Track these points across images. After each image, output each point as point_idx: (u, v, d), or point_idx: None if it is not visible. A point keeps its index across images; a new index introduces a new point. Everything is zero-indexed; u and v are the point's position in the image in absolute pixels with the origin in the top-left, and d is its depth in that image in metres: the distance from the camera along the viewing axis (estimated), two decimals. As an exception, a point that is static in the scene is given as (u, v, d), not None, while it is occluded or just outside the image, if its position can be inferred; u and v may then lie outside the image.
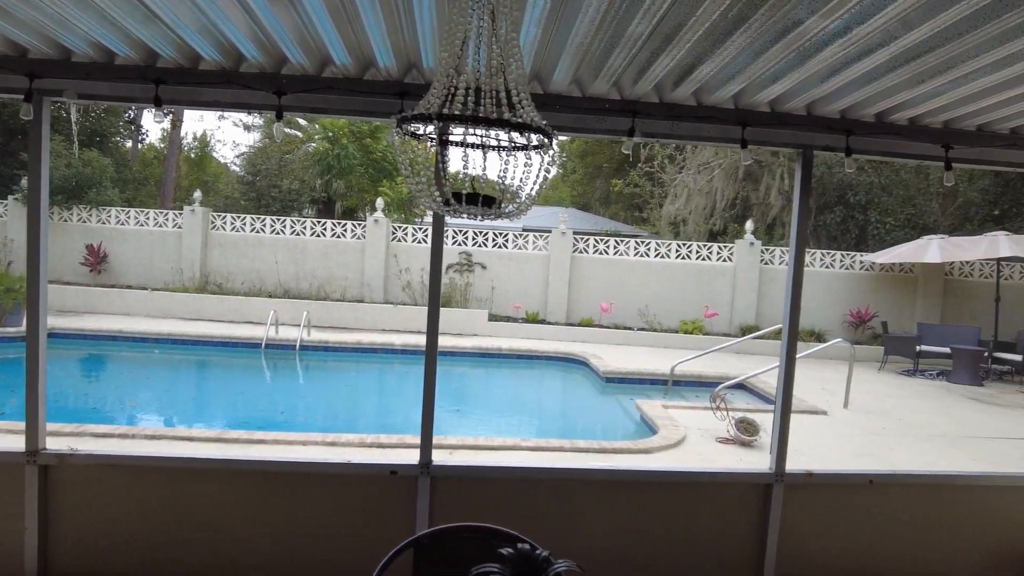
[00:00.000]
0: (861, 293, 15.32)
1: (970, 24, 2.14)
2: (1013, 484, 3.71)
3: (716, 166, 17.27)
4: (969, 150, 3.31)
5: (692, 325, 14.39)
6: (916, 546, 3.61)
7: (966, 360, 12.11)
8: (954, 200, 17.50)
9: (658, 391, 10.11)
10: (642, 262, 15.05)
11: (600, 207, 31.06)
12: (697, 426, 7.29)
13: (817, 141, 3.27)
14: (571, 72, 2.84)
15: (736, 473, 3.45)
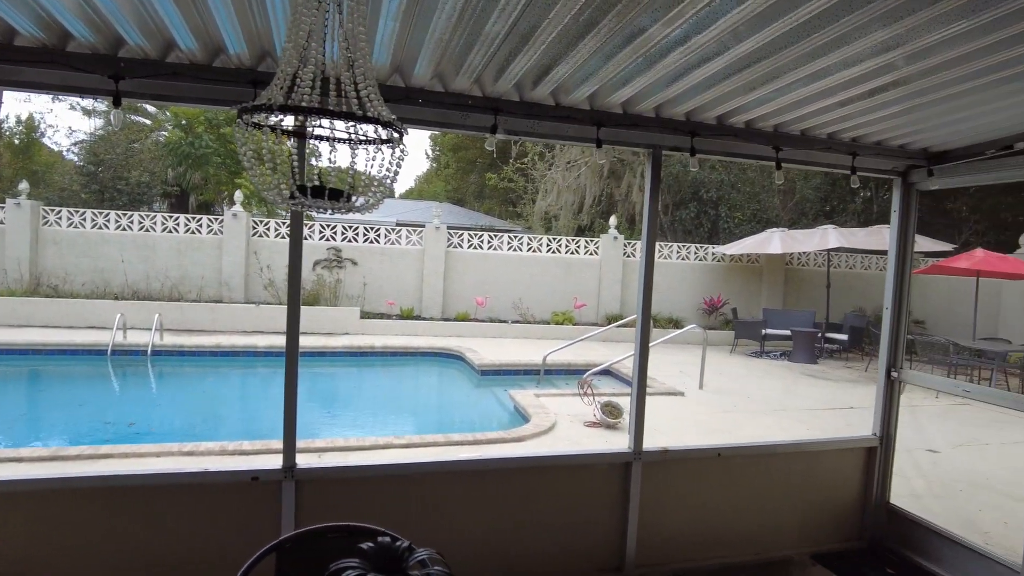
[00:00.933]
0: (714, 282, 16.56)
1: (788, 40, 2.38)
2: (834, 447, 4.21)
3: (583, 164, 17.95)
4: (795, 152, 3.69)
5: (563, 316, 14.89)
6: (756, 508, 4.00)
7: (803, 341, 13.49)
8: (792, 197, 19.37)
9: (531, 381, 10.39)
10: (515, 256, 15.34)
11: (475, 202, 31.30)
12: (567, 412, 7.58)
13: (666, 142, 3.50)
14: (432, 67, 2.84)
15: (598, 454, 3.63)
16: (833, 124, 3.44)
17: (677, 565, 3.82)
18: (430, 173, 41.65)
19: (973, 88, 2.76)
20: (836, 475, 4.23)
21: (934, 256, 15.32)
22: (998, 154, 3.54)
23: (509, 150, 19.25)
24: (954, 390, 3.96)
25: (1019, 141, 3.41)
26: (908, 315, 4.19)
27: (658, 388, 9.19)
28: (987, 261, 11.84)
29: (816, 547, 4.15)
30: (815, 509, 4.17)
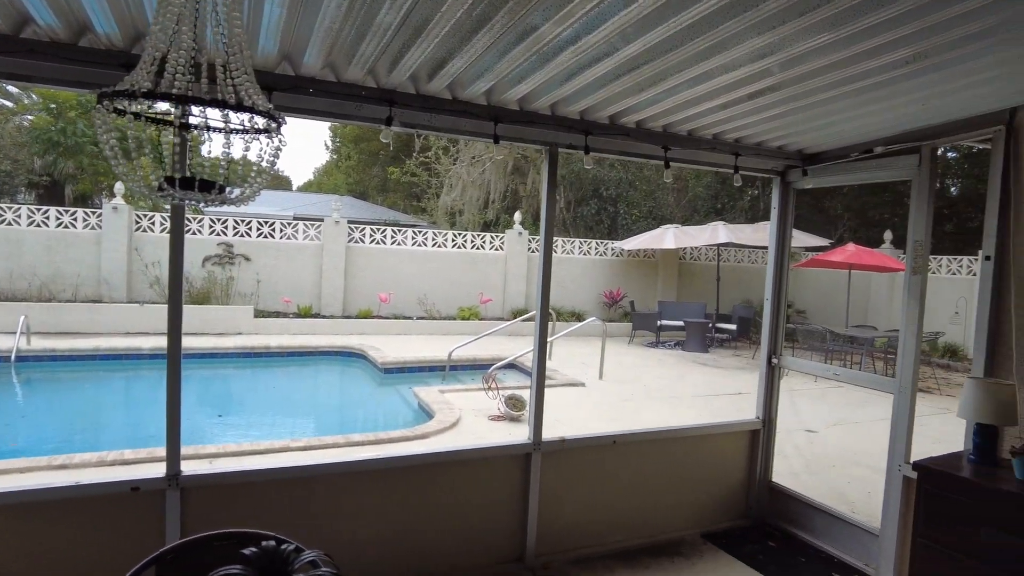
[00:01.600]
0: (614, 276, 17.11)
1: (673, 43, 2.48)
2: (721, 431, 4.45)
3: (488, 159, 18.01)
4: (683, 151, 3.86)
5: (469, 311, 14.90)
6: (650, 492, 4.17)
7: (696, 331, 14.19)
8: (686, 195, 20.31)
9: (437, 377, 10.32)
10: (420, 251, 15.18)
11: (378, 195, 30.66)
12: (472, 407, 7.59)
13: (561, 139, 3.57)
14: (323, 56, 2.75)
15: (498, 447, 3.66)
16: (717, 125, 3.63)
17: (576, 552, 3.93)
18: (330, 165, 40.41)
19: (838, 95, 2.99)
20: (723, 457, 4.48)
21: (814, 251, 16.55)
22: (861, 156, 3.86)
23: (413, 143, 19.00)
24: (826, 374, 4.31)
25: (878, 145, 3.73)
26: (787, 306, 4.49)
27: (560, 380, 9.39)
28: (857, 255, 12.92)
29: (706, 526, 4.39)
30: (705, 490, 4.40)
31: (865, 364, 11.88)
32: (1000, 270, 3.16)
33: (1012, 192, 3.13)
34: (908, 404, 3.58)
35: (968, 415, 2.97)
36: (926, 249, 3.52)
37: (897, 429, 3.65)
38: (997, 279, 3.17)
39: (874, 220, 21.17)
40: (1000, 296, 3.17)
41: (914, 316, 3.56)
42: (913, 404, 3.59)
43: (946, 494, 2.80)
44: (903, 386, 3.60)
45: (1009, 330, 3.10)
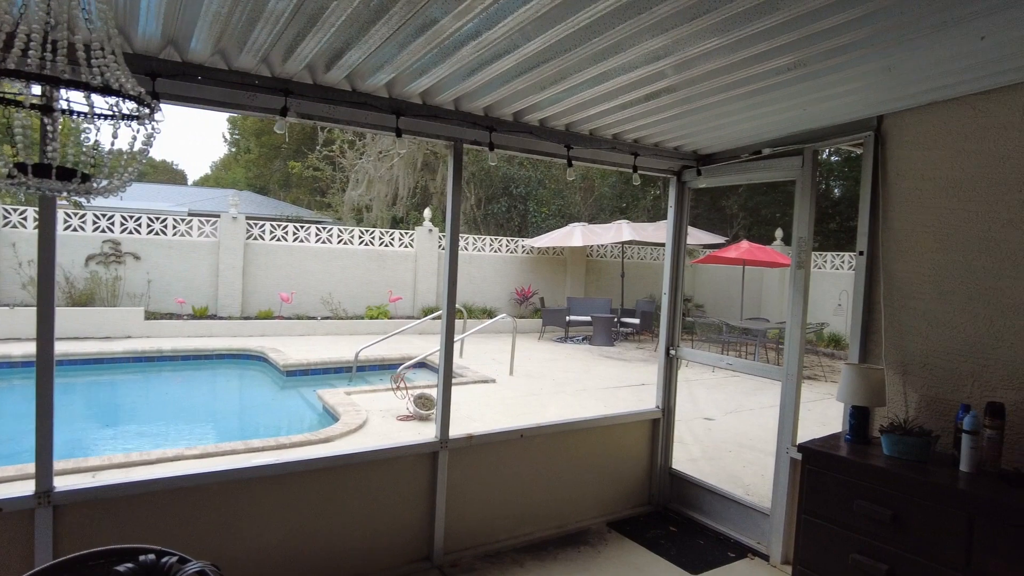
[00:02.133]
0: (524, 273, 17.30)
1: (572, 42, 2.52)
2: (624, 421, 4.58)
3: (396, 155, 17.72)
4: (585, 150, 3.94)
5: (377, 310, 14.63)
6: (557, 484, 4.24)
7: (602, 326, 14.58)
8: (592, 194, 20.80)
9: (343, 379, 10.07)
10: (324, 249, 14.74)
11: (280, 191, 29.52)
12: (380, 408, 7.46)
13: (466, 135, 3.56)
14: (211, 42, 2.60)
15: (404, 446, 3.60)
16: (617, 126, 3.73)
17: (485, 547, 3.93)
18: (229, 159, 38.53)
19: (728, 98, 3.14)
20: (626, 447, 4.62)
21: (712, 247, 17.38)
22: (750, 158, 4.08)
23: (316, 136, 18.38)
24: (720, 364, 4.53)
25: (766, 147, 3.95)
26: (687, 300, 4.68)
27: (471, 377, 9.39)
28: (750, 251, 13.69)
29: (612, 515, 4.51)
30: (610, 480, 4.52)
31: (758, 354, 12.61)
32: (871, 265, 3.43)
33: (880, 194, 3.40)
34: (794, 390, 3.83)
35: (844, 398, 3.20)
36: (809, 245, 3.77)
37: (785, 414, 3.89)
38: (869, 273, 3.44)
39: (767, 219, 22.52)
40: (871, 289, 3.43)
41: (799, 308, 3.80)
42: (798, 390, 3.83)
43: (825, 471, 3.01)
44: (789, 373, 3.84)
45: (879, 319, 3.37)
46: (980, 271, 2.99)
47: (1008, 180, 2.90)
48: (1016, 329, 2.86)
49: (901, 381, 3.28)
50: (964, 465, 2.77)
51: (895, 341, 3.31)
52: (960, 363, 3.05)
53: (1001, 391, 2.90)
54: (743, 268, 15.02)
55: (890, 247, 3.35)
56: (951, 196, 3.10)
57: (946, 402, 3.09)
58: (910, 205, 3.28)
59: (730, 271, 18.76)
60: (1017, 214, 2.87)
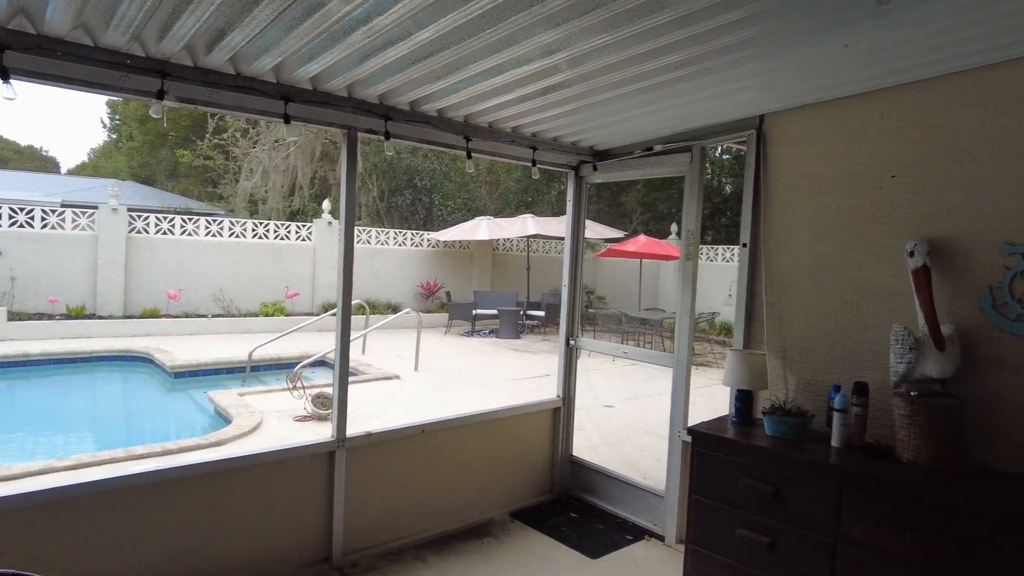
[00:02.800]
0: (430, 267, 17.13)
1: (466, 32, 2.49)
2: (525, 411, 4.63)
3: (292, 144, 17.01)
4: (484, 143, 3.93)
5: (273, 307, 14.04)
6: (460, 477, 4.22)
7: (508, 319, 14.70)
8: (498, 187, 20.89)
9: (237, 380, 9.60)
10: (215, 242, 13.95)
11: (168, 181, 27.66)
12: (276, 408, 7.16)
13: (361, 124, 3.45)
14: (71, 15, 2.36)
15: (299, 447, 3.46)
16: (515, 119, 3.74)
17: (387, 545, 3.86)
18: (109, 146, 35.72)
19: (622, 95, 3.22)
20: (528, 437, 4.67)
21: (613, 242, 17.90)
22: (643, 154, 4.21)
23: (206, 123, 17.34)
24: (616, 352, 4.67)
25: (658, 143, 4.09)
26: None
27: (374, 374, 9.20)
28: (647, 245, 14.22)
29: (515, 505, 4.55)
30: (513, 470, 4.56)
31: (656, 343, 13.13)
32: (754, 256, 3.63)
33: (762, 189, 3.60)
34: (684, 376, 4.00)
35: (730, 382, 3.38)
36: (697, 237, 3.94)
37: (676, 399, 4.06)
38: (752, 264, 3.63)
39: (663, 214, 23.47)
40: (754, 279, 3.63)
41: (688, 298, 3.97)
42: (688, 376, 4.01)
43: (713, 453, 3.16)
44: (680, 360, 4.01)
45: (761, 308, 3.58)
46: (849, 262, 3.23)
47: (872, 178, 3.14)
48: (879, 314, 3.11)
49: (781, 365, 3.50)
50: (835, 440, 2.99)
51: (775, 328, 3.52)
52: (832, 347, 3.28)
53: (867, 371, 3.15)
54: (640, 261, 15.58)
55: (770, 240, 3.56)
56: (824, 192, 3.33)
57: (820, 383, 3.32)
58: (788, 200, 3.49)
59: (630, 264, 19.42)
60: (879, 210, 3.12)
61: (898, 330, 2.86)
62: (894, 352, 2.87)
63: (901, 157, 3.04)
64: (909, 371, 2.82)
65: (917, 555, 2.47)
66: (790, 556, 2.85)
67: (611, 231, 16.23)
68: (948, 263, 2.88)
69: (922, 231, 2.96)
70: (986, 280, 2.77)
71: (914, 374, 2.82)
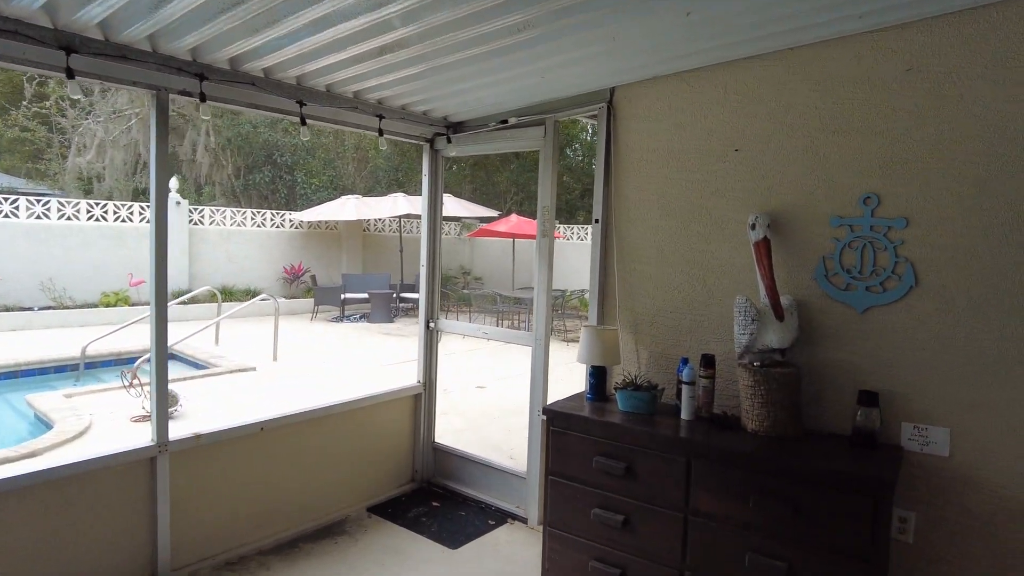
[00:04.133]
0: (294, 250, 16.21)
1: (278, -26, 2.17)
2: (384, 400, 4.37)
3: (133, 115, 15.33)
4: (322, 109, 3.58)
5: (115, 296, 12.68)
6: (311, 475, 3.91)
7: (380, 302, 14.23)
8: (367, 164, 20.11)
9: (69, 379, 8.54)
10: (41, 225, 12.33)
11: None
12: (110, 410, 6.41)
13: (171, 83, 3.00)
14: None
15: (109, 456, 3.00)
16: (355, 82, 3.43)
17: (226, 554, 3.49)
18: None
19: (467, 59, 3.00)
20: (388, 426, 4.43)
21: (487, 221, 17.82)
22: (498, 127, 4.04)
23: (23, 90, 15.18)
24: (475, 333, 4.51)
25: (512, 116, 3.94)
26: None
27: (227, 366, 8.51)
28: (519, 225, 14.26)
29: (373, 499, 4.30)
30: (370, 462, 4.30)
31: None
32: (606, 232, 3.58)
33: (613, 164, 3.54)
34: (543, 354, 3.91)
35: (584, 359, 3.32)
36: (552, 213, 3.84)
37: (535, 377, 3.97)
38: (604, 240, 3.59)
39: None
40: (606, 254, 3.59)
41: (544, 275, 3.87)
42: (547, 354, 3.93)
43: (567, 431, 3.09)
44: (538, 338, 3.92)
45: (613, 283, 3.54)
46: (695, 236, 3.25)
47: (714, 152, 3.16)
48: (723, 287, 3.15)
49: (633, 340, 3.49)
50: (684, 413, 3.00)
51: (627, 303, 3.50)
52: (680, 320, 3.30)
53: (713, 344, 3.19)
54: (513, 241, 15.63)
55: (621, 214, 3.52)
56: (671, 167, 3.32)
57: (670, 357, 3.34)
58: (637, 174, 3.46)
59: (505, 244, 19.48)
60: (723, 184, 3.15)
61: (741, 302, 2.89)
62: (737, 324, 2.91)
63: (743, 131, 3.07)
64: (752, 342, 2.86)
65: (761, 520, 2.52)
66: (645, 532, 2.83)
67: (485, 210, 16.12)
68: (786, 236, 2.95)
69: (763, 204, 3.02)
70: (819, 252, 2.87)
71: (757, 345, 2.87)
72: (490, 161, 22.49)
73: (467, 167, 21.76)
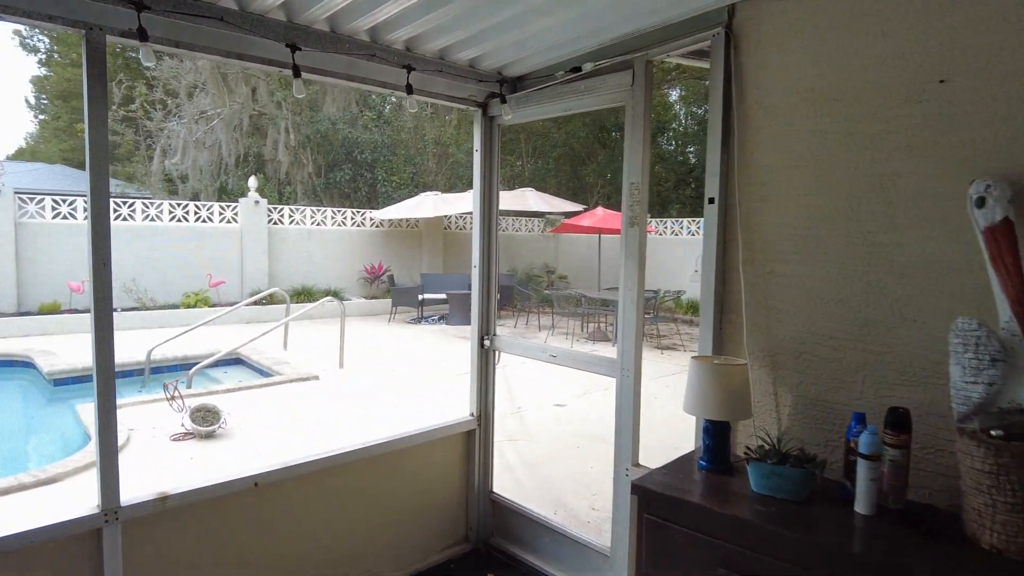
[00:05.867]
0: (374, 249, 15.77)
1: None
2: (426, 439, 3.42)
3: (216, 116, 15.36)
4: (325, 56, 2.66)
5: (196, 297, 12.58)
6: (333, 537, 3.01)
7: (458, 303, 13.47)
8: (447, 160, 19.49)
9: (135, 385, 8.24)
10: (126, 227, 12.41)
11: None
12: (153, 424, 5.87)
13: (108, 19, 2.16)
14: None
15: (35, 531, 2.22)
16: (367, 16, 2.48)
17: (209, 653, 2.65)
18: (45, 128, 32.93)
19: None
20: (433, 472, 3.49)
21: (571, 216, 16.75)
22: (568, 77, 2.99)
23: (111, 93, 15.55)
24: (541, 356, 3.45)
25: (587, 61, 2.87)
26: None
27: (289, 375, 7.91)
28: (605, 219, 13.06)
29: (417, 564, 3.38)
30: (411, 518, 3.37)
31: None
32: (725, 217, 2.47)
33: (734, 118, 2.42)
34: (632, 391, 2.84)
35: (694, 409, 2.22)
36: (644, 194, 2.76)
37: (622, 424, 2.90)
38: (721, 228, 2.47)
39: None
40: (726, 249, 2.48)
41: (633, 275, 2.79)
42: (638, 389, 2.85)
43: (669, 523, 2.02)
44: (625, 368, 2.84)
45: (738, 292, 2.42)
46: (869, 219, 2.08)
47: (902, 87, 1.99)
48: (920, 299, 1.98)
49: (770, 379, 2.36)
50: (861, 505, 1.87)
51: (760, 322, 2.38)
52: (847, 352, 2.15)
53: (903, 390, 2.02)
54: (599, 237, 14.46)
55: (750, 191, 2.40)
56: (828, 115, 2.17)
57: (830, 408, 2.19)
58: (774, 131, 2.33)
59: (590, 240, 18.30)
60: (916, 136, 1.98)
61: (967, 328, 1.72)
62: (960, 364, 1.74)
63: (955, 49, 1.89)
64: (990, 396, 1.69)
65: None
66: None
67: (570, 204, 15.05)
68: (1044, 215, 1.75)
69: (997, 166, 1.83)
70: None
71: (999, 401, 1.69)
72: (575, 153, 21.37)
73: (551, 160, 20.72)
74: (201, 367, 7.09)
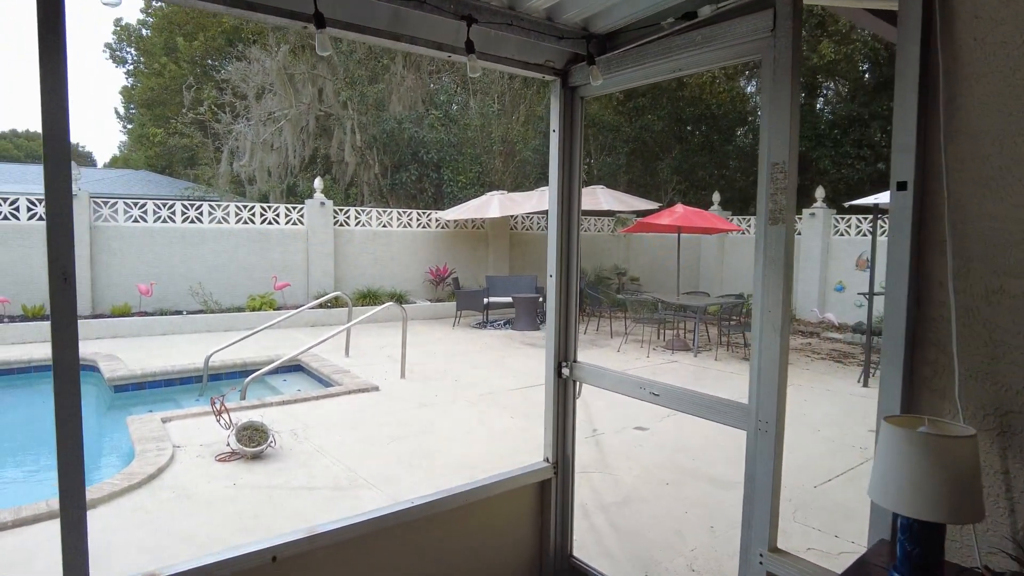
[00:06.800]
0: (440, 250, 15.33)
1: None
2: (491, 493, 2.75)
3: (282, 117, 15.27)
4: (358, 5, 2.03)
5: (261, 300, 12.42)
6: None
7: (525, 307, 12.83)
8: (514, 158, 18.89)
9: (192, 393, 7.99)
10: (193, 229, 12.36)
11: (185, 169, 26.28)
12: (202, 440, 5.47)
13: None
14: None
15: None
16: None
17: None
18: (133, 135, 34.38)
19: None
20: (499, 532, 2.82)
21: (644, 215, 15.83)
22: (679, 26, 2.25)
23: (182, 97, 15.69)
24: (637, 392, 2.71)
25: (707, 3, 2.13)
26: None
27: (349, 385, 7.44)
28: (686, 216, 12.11)
29: (476, 642, 2.72)
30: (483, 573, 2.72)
31: (700, 332, 11.10)
32: (922, 209, 1.68)
33: (939, 61, 1.64)
34: (772, 453, 2.07)
35: (888, 499, 1.45)
36: (792, 176, 1.99)
37: (756, 491, 2.13)
38: (917, 226, 1.69)
39: (703, 181, 21.16)
40: (922, 254, 1.69)
41: (778, 293, 2.02)
42: (780, 451, 2.08)
43: None
44: (763, 419, 2.08)
45: (945, 318, 1.64)
46: None
47: None
48: None
49: (997, 452, 1.57)
50: None
51: (980, 365, 1.59)
52: None
53: None
54: (678, 236, 13.49)
55: (963, 172, 1.61)
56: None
57: (1124, 509, 1.38)
58: (1003, 80, 1.54)
59: (664, 240, 17.30)
60: None
61: None
62: None
63: None
64: None
65: None
66: None
67: (644, 203, 14.14)
68: None
69: None
70: None
71: None
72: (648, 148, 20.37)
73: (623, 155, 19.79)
74: (257, 376, 6.71)
